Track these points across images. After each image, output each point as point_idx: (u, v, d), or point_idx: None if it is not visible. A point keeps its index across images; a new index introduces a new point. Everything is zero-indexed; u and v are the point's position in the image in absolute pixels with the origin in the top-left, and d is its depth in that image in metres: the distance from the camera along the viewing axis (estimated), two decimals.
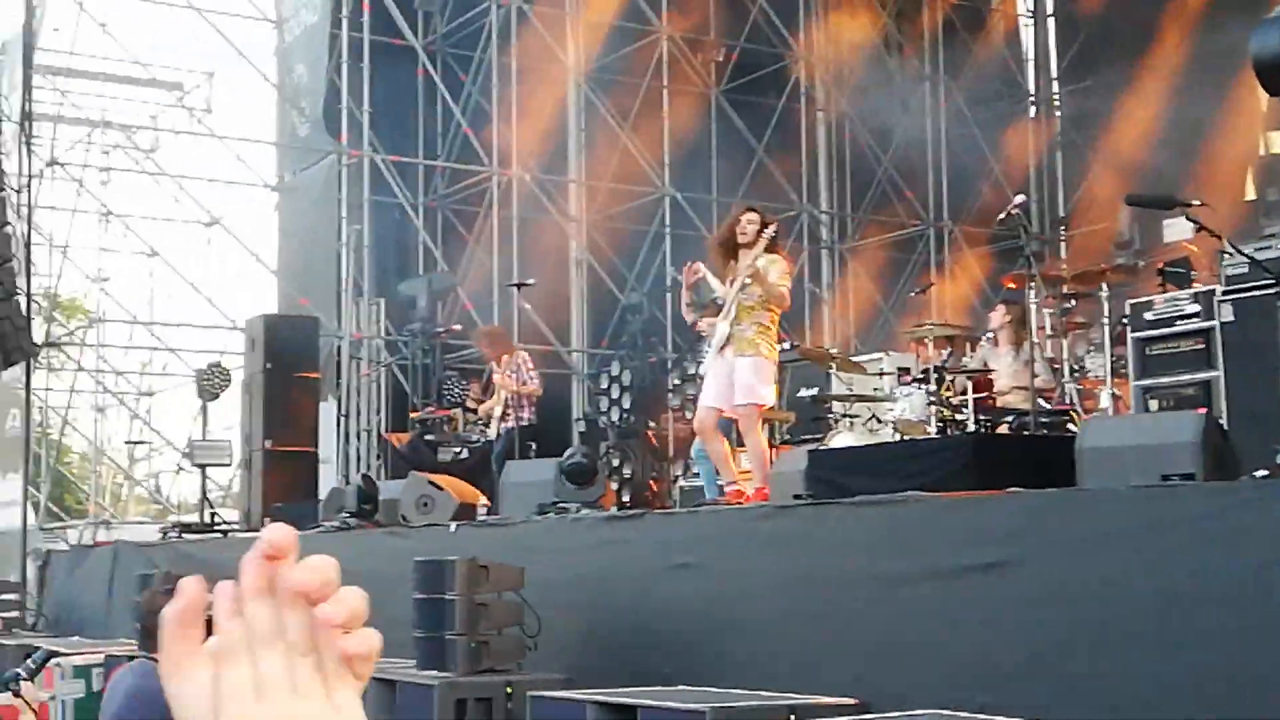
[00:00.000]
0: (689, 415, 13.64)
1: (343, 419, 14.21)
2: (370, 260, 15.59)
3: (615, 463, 12.18)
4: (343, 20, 15.77)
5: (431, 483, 9.40)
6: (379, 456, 13.74)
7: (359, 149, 15.61)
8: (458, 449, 11.36)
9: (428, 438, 11.92)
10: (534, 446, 10.73)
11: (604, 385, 14.80)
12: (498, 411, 11.13)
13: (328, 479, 12.93)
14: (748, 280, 8.29)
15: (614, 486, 10.22)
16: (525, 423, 10.99)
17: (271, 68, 17.12)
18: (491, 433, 11.14)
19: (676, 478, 12.10)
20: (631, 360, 14.04)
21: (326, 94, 15.88)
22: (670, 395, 13.37)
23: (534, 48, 16.18)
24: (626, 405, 13.63)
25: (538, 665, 7.17)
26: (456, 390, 13.12)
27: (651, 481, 11.58)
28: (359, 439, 14.35)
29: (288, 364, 12.72)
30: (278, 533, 0.88)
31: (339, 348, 14.88)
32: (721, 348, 8.39)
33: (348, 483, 11.13)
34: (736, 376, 8.28)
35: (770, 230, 8.46)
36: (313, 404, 12.97)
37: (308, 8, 16.71)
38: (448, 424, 12.22)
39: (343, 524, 9.42)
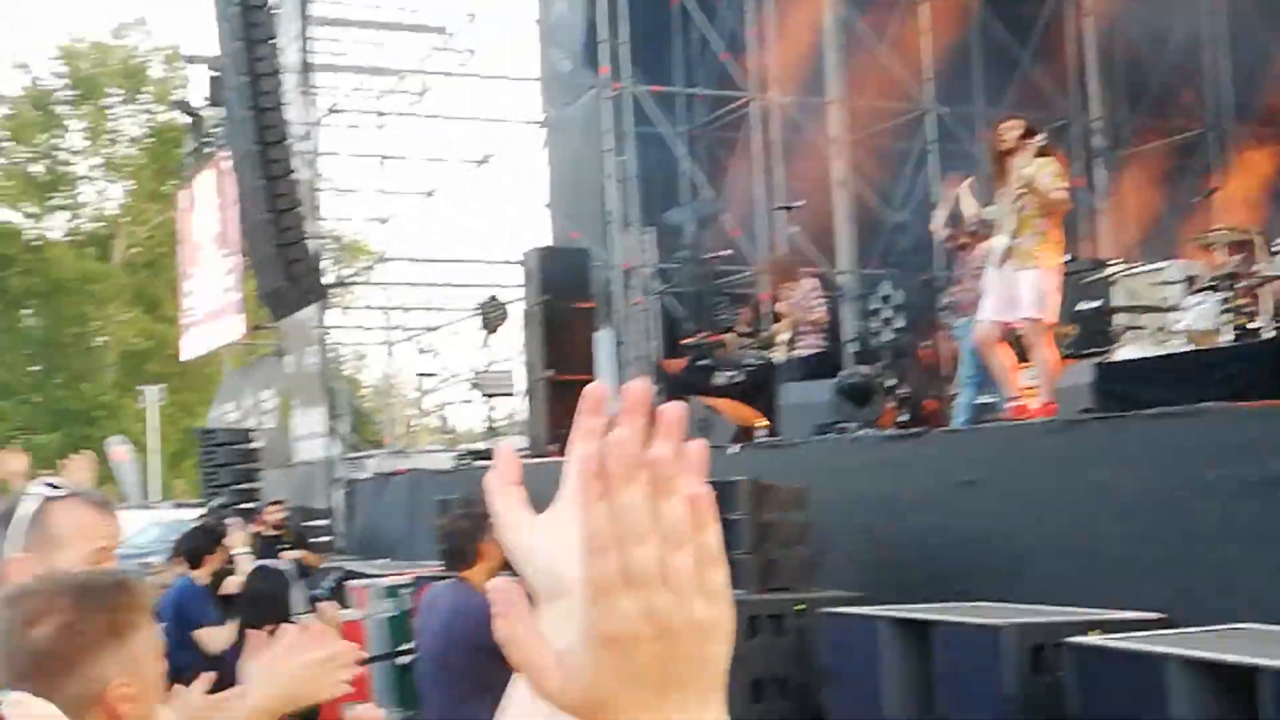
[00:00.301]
0: None
1: (619, 348, 14.53)
2: (636, 191, 15.81)
3: (891, 383, 12.09)
4: None
5: (709, 406, 9.57)
6: (655, 383, 14.00)
7: (619, 81, 15.80)
8: (733, 373, 11.50)
9: (701, 363, 12.10)
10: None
11: (874, 306, 14.69)
12: (785, 338, 11.20)
13: (610, 407, 13.21)
14: (1021, 190, 8.08)
15: (891, 406, 10.18)
16: (816, 349, 11.00)
17: (532, 5, 17.45)
18: (779, 358, 11.21)
19: (954, 395, 11.96)
20: (902, 280, 13.88)
21: (585, 28, 16.09)
22: (942, 313, 13.17)
23: None
24: (899, 325, 13.49)
25: (824, 584, 7.26)
26: (726, 316, 13.25)
27: (929, 400, 11.48)
28: (635, 367, 14.63)
29: (564, 295, 13.10)
30: (597, 391, 0.89)
31: (609, 278, 15.19)
32: (1001, 261, 8.21)
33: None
34: (1020, 290, 8.07)
35: (1040, 138, 8.24)
36: (588, 333, 13.32)
37: None
38: (720, 349, 12.37)
39: None
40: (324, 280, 15.49)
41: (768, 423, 9.48)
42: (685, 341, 13.21)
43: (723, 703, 0.88)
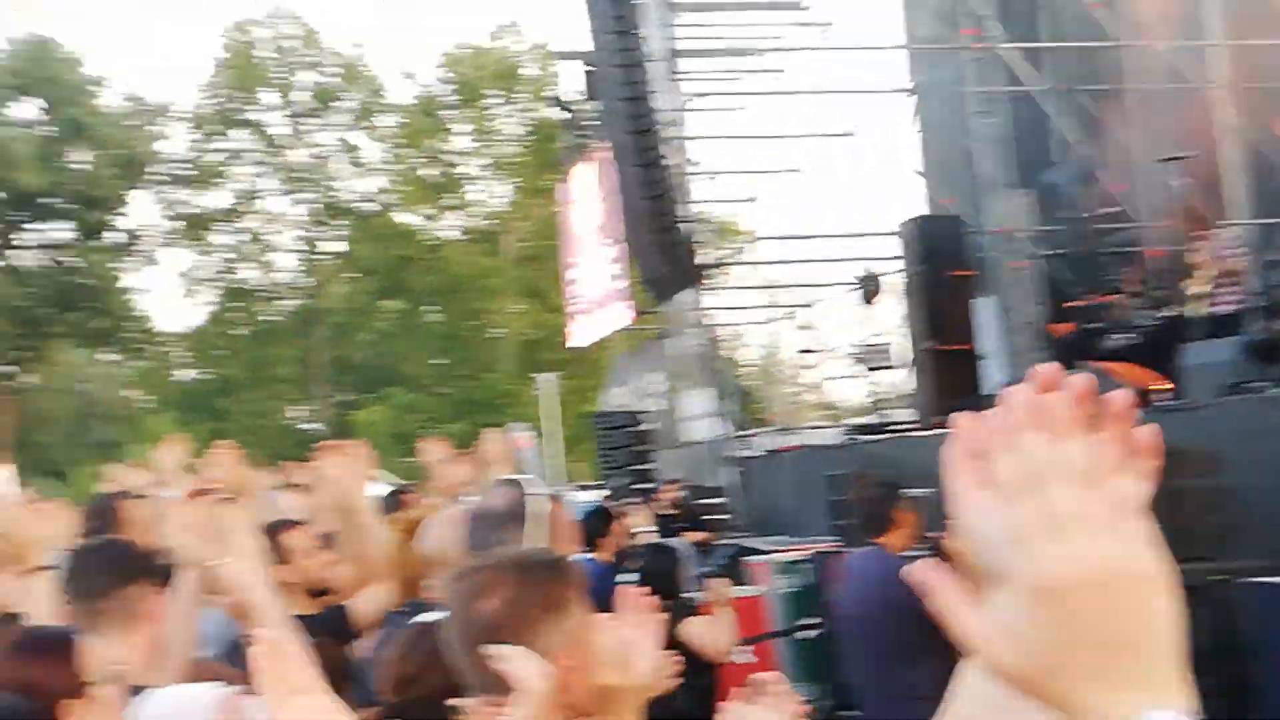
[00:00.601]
0: None
1: (1003, 314, 14.27)
2: (1009, 153, 15.46)
3: None
4: None
5: (1103, 370, 9.29)
6: (1045, 349, 13.68)
7: (985, 41, 15.48)
8: (1126, 334, 11.10)
9: (1090, 326, 11.74)
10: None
11: (1275, 257, 13.83)
12: (1202, 290, 10.69)
13: (988, 375, 13.06)
14: None
15: None
16: (1235, 304, 10.52)
17: None
18: (1194, 311, 10.72)
19: None
20: None
21: None
22: None
23: None
24: None
25: (1243, 553, 6.95)
26: (1113, 276, 12.79)
27: None
28: (1020, 333, 14.34)
29: (941, 263, 12.97)
30: (1048, 371, 0.87)
31: (986, 243, 14.92)
32: None
33: (1012, 380, 11.15)
34: None
35: None
36: (968, 302, 13.14)
37: None
38: (1108, 310, 11.96)
39: None
40: (700, 263, 15.84)
41: (1170, 385, 9.13)
42: (1071, 305, 12.83)
43: (1186, 689, 0.84)
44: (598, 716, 2.15)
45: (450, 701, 2.14)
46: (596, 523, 8.29)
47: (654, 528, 9.39)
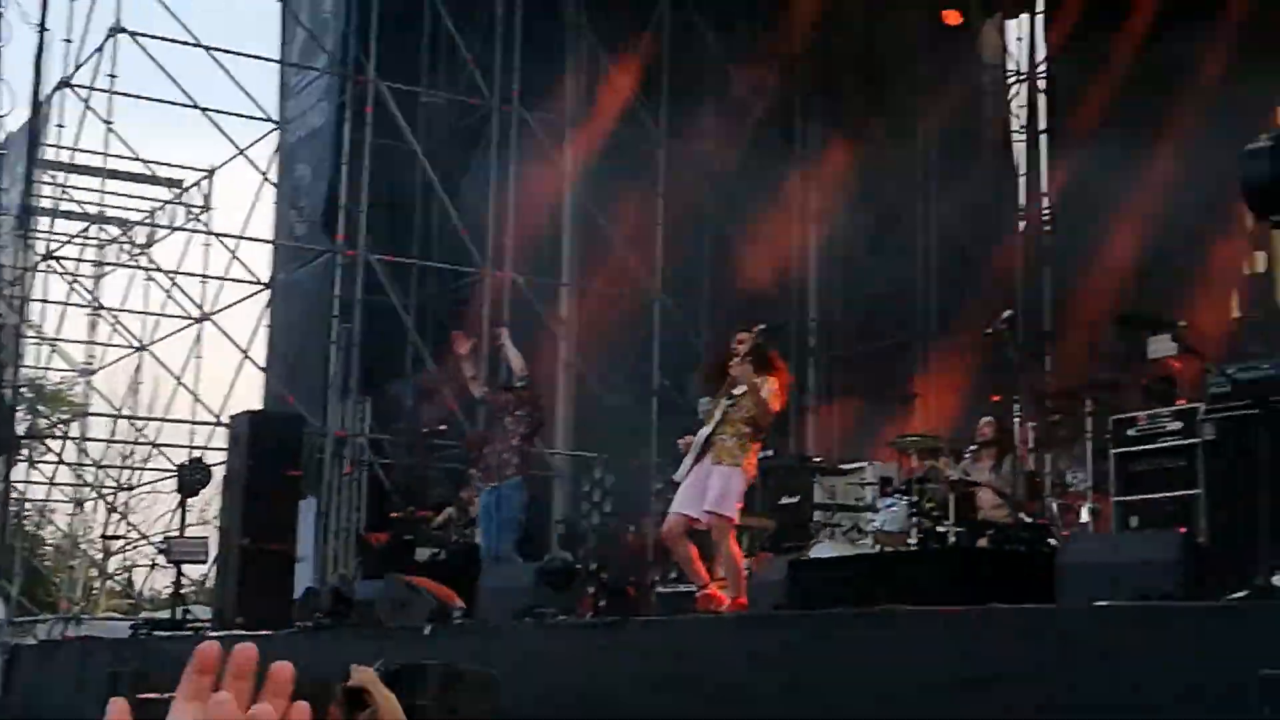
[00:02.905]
0: None
1: (322, 517, 14.12)
2: (358, 359, 15.60)
3: (594, 567, 12.06)
4: (346, 123, 15.93)
5: (408, 584, 9.30)
6: (357, 556, 13.62)
7: (355, 249, 15.69)
8: (436, 550, 11.27)
9: (406, 538, 11.83)
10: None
11: (586, 488, 14.74)
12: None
13: (304, 577, 12.81)
14: (734, 393, 8.33)
15: (591, 591, 10.13)
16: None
17: (273, 167, 17.24)
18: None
19: (655, 582, 12.01)
20: (615, 464, 13.98)
21: (326, 194, 16.00)
22: (653, 499, 13.29)
23: (532, 153, 16.33)
24: (608, 509, 13.55)
25: None
26: (439, 491, 13.05)
27: (630, 586, 11.48)
28: (337, 538, 14.24)
29: (271, 461, 12.66)
30: (209, 651, 0.92)
31: (322, 445, 14.82)
32: (700, 455, 8.34)
33: (324, 582, 11.00)
34: (711, 483, 8.22)
35: (758, 335, 8.48)
36: (293, 501, 12.89)
37: (314, 111, 16.90)
38: (427, 524, 12.14)
39: (316, 624, 9.30)
40: (15, 431, 14.66)
41: (463, 604, 9.26)
42: (393, 515, 12.91)
43: None
44: None
45: None
46: None
47: None
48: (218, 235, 17.01)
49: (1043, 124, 18.43)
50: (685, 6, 17.10)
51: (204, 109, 16.25)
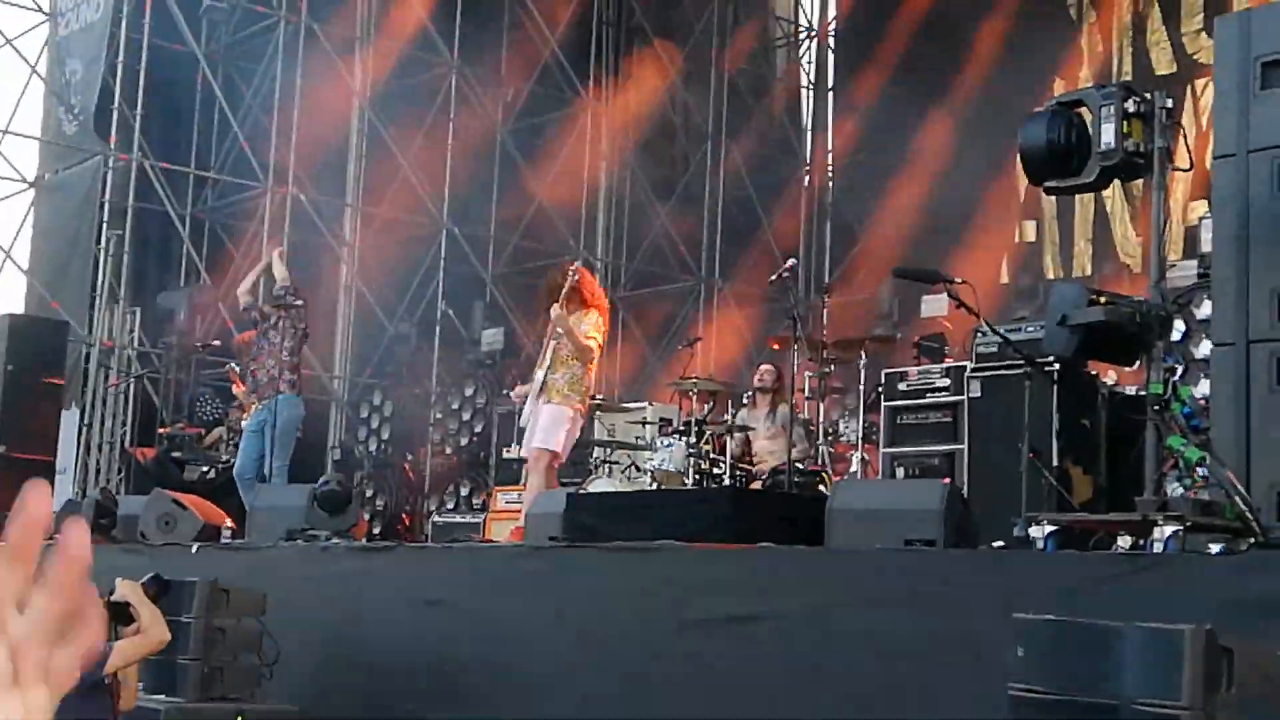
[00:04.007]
0: (448, 450, 13.59)
1: (85, 429, 13.63)
2: (129, 268, 15.04)
3: (369, 494, 12.00)
4: (123, 19, 15.24)
5: (175, 501, 9.08)
6: (121, 471, 13.21)
7: (128, 153, 15.08)
8: (205, 468, 11.02)
9: (175, 455, 11.51)
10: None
11: (364, 415, 14.58)
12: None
13: (64, 490, 12.38)
14: (559, 331, 8.73)
15: (366, 517, 10.05)
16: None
17: (42, 60, 16.40)
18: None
19: (431, 513, 11.99)
20: (394, 392, 13.85)
21: (100, 94, 15.30)
22: (431, 429, 13.23)
23: (319, 67, 15.92)
24: (385, 436, 13.44)
25: (275, 695, 6.97)
26: (210, 408, 12.73)
27: (405, 515, 11.43)
28: (101, 451, 13.77)
29: (31, 368, 12.13)
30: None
31: (88, 355, 14.28)
32: (538, 394, 8.79)
33: (84, 495, 10.65)
34: (539, 420, 8.73)
35: (572, 274, 8.90)
36: (54, 411, 12.40)
37: (88, 3, 16.11)
38: (197, 442, 11.84)
39: None
40: None
41: (234, 524, 9.09)
42: (162, 431, 12.55)
43: None
44: None
45: None
46: None
47: None
48: None
49: (830, 81, 18.85)
50: None
51: None
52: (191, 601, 6.80)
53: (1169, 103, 5.69)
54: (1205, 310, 8.31)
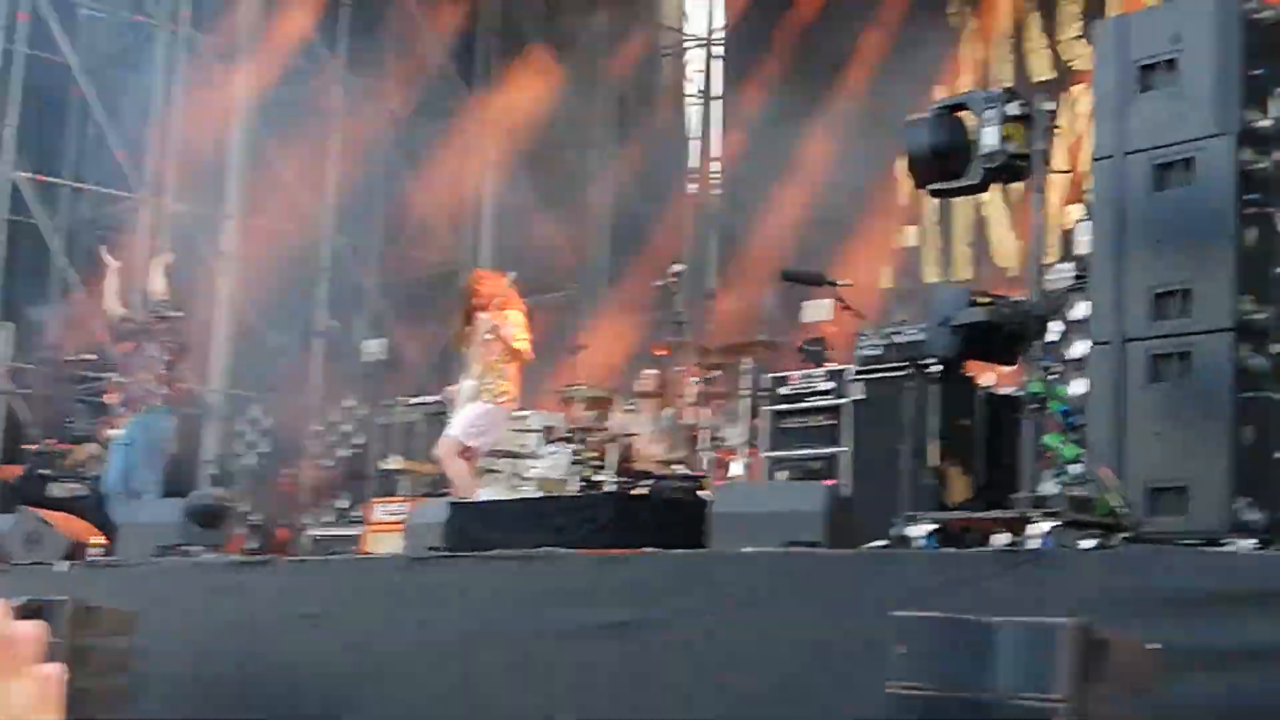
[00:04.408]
0: (327, 463, 13.37)
1: None
2: (1, 283, 14.63)
3: (246, 508, 11.71)
4: None
5: (41, 519, 8.80)
6: None
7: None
8: (75, 485, 10.71)
9: (42, 472, 11.19)
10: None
11: (241, 428, 14.32)
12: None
13: None
14: (488, 337, 8.95)
15: (242, 532, 9.85)
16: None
17: None
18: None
19: (308, 526, 11.79)
20: (273, 404, 13.60)
21: None
22: (310, 442, 13.02)
23: (200, 77, 15.62)
24: (263, 450, 13.19)
25: (145, 714, 6.77)
26: (82, 424, 12.37)
27: (282, 529, 11.21)
28: None
29: None
30: None
31: None
32: (469, 399, 9.11)
33: None
34: (467, 414, 9.03)
35: (508, 280, 9.37)
36: None
37: None
38: (64, 458, 11.51)
39: None
40: None
41: (105, 540, 8.82)
42: (29, 447, 12.19)
43: None
44: None
45: None
46: None
47: None
48: None
49: (717, 90, 18.92)
50: None
51: None
52: (58, 621, 6.56)
53: (1050, 106, 5.75)
54: (1080, 312, 8.43)
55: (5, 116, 14.66)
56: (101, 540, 8.79)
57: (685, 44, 19.55)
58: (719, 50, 19.13)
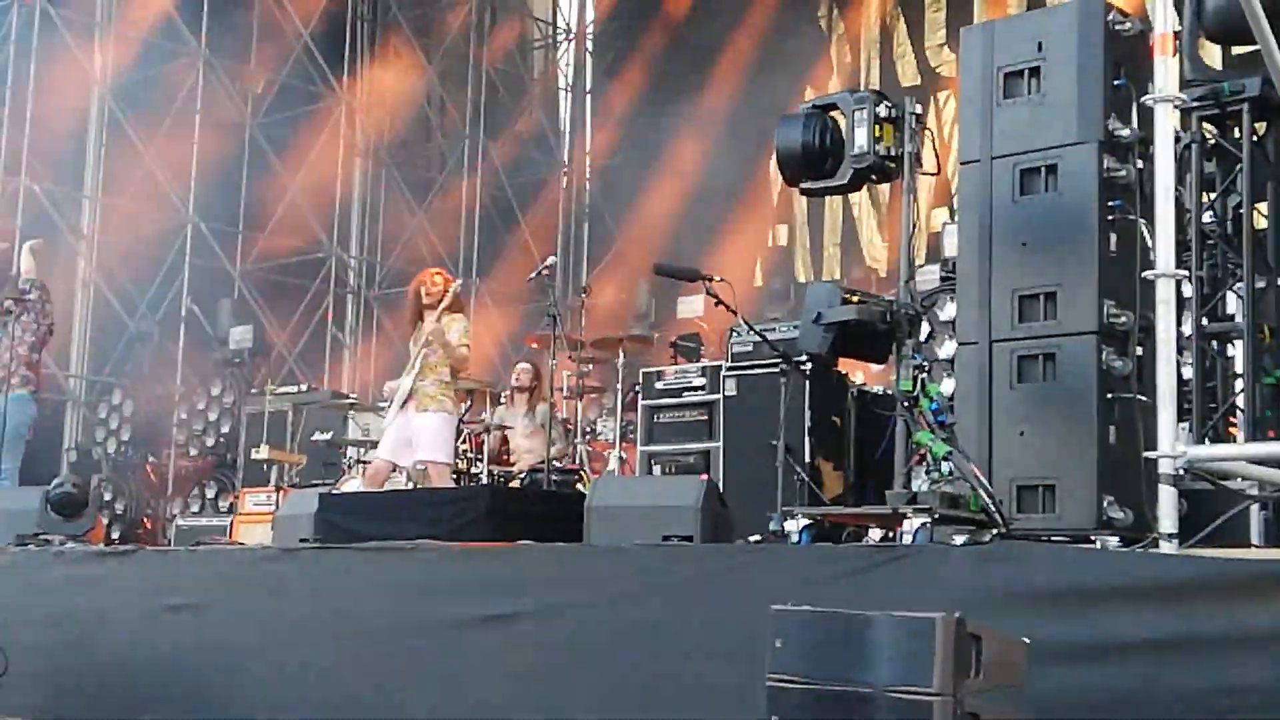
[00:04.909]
0: (192, 451, 13.13)
1: None
2: None
3: (108, 496, 11.48)
4: None
5: None
6: None
7: None
8: None
9: None
10: None
11: (103, 415, 13.97)
12: None
13: None
14: (430, 339, 8.59)
15: (105, 521, 9.63)
16: None
17: None
18: None
19: (174, 516, 11.56)
20: (135, 391, 13.32)
21: None
22: (175, 430, 12.77)
23: (57, 53, 15.19)
24: (126, 437, 12.92)
25: (4, 705, 6.61)
26: None
27: (146, 518, 10.99)
28: None
29: None
30: None
31: None
32: (404, 403, 8.57)
33: None
34: (421, 433, 8.49)
35: (455, 287, 8.83)
36: None
37: None
38: None
39: None
40: None
41: None
42: None
43: None
44: None
45: None
46: None
47: None
48: None
49: (589, 84, 18.96)
50: None
51: None
52: None
53: (919, 109, 5.86)
54: (948, 312, 8.65)
55: None
56: None
57: (557, 36, 19.55)
58: (590, 44, 19.17)
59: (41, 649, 7.01)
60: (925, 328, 8.24)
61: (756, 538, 5.90)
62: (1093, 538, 5.17)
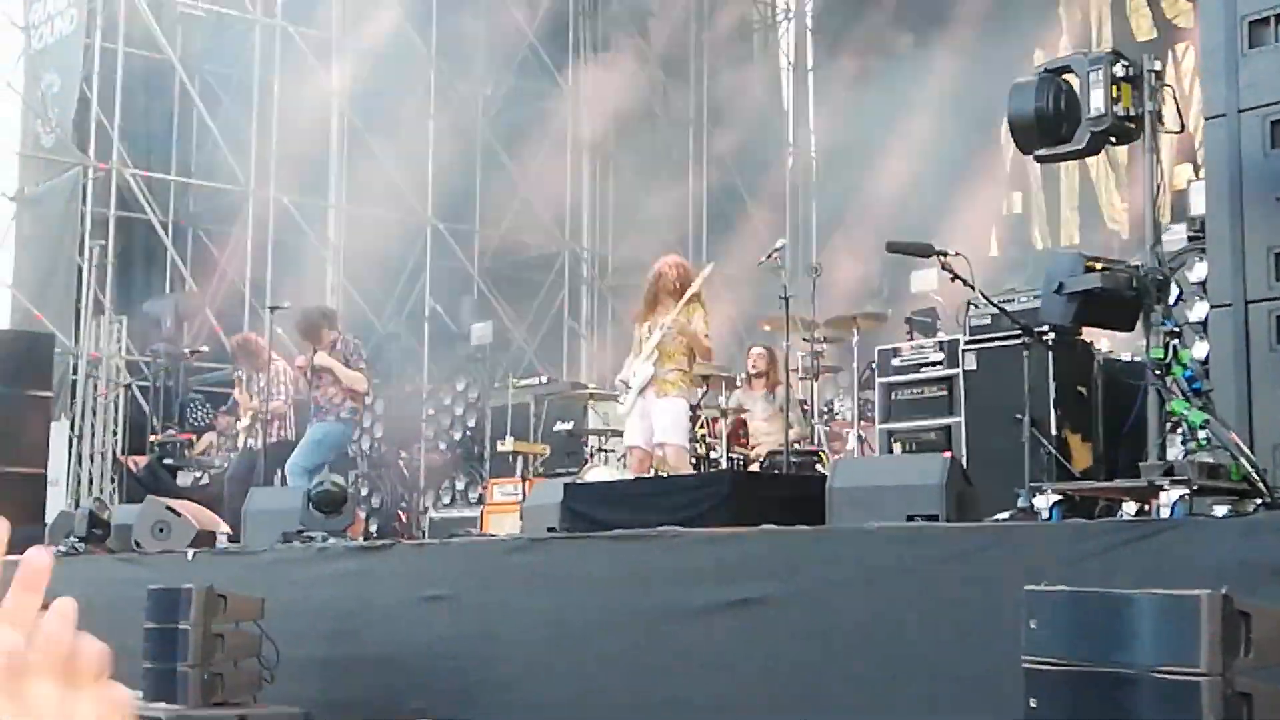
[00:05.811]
0: (442, 445, 13.52)
1: (75, 440, 13.53)
2: (113, 277, 14.96)
3: (364, 492, 11.92)
4: (98, 30, 15.15)
5: (169, 508, 9.00)
6: (114, 480, 13.13)
7: (107, 162, 14.99)
8: (198, 474, 10.93)
9: (166, 462, 11.44)
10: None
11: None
12: (243, 426, 10.76)
13: (57, 502, 12.30)
14: (669, 326, 8.66)
15: (362, 516, 9.99)
16: (273, 440, 10.70)
17: (18, 74, 16.28)
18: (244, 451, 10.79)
19: (427, 509, 11.92)
20: (386, 389, 13.78)
21: (77, 105, 15.21)
22: (424, 425, 13.16)
23: (297, 69, 15.84)
24: (379, 434, 13.37)
25: (277, 698, 6.92)
26: (201, 414, 12.64)
27: (401, 512, 11.36)
28: (93, 462, 13.68)
29: (19, 381, 12.07)
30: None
31: (75, 366, 14.19)
32: (643, 389, 8.69)
33: (78, 506, 10.56)
34: (662, 416, 8.59)
35: (705, 273, 8.96)
36: (43, 424, 12.32)
37: (61, 16, 16.00)
38: (188, 448, 11.76)
39: (71, 549, 8.93)
40: None
41: (229, 529, 9.02)
42: (153, 438, 12.46)
43: None
44: None
45: None
46: None
47: None
48: None
49: (810, 62, 18.78)
50: None
51: None
52: (189, 608, 6.74)
53: (1158, 65, 5.63)
54: (1197, 273, 8.27)
55: (111, 114, 14.96)
56: (226, 529, 8.99)
57: (777, 18, 19.43)
58: (810, 23, 18.99)
59: (309, 641, 7.30)
60: (1174, 290, 7.91)
61: (1005, 515, 5.76)
62: None
